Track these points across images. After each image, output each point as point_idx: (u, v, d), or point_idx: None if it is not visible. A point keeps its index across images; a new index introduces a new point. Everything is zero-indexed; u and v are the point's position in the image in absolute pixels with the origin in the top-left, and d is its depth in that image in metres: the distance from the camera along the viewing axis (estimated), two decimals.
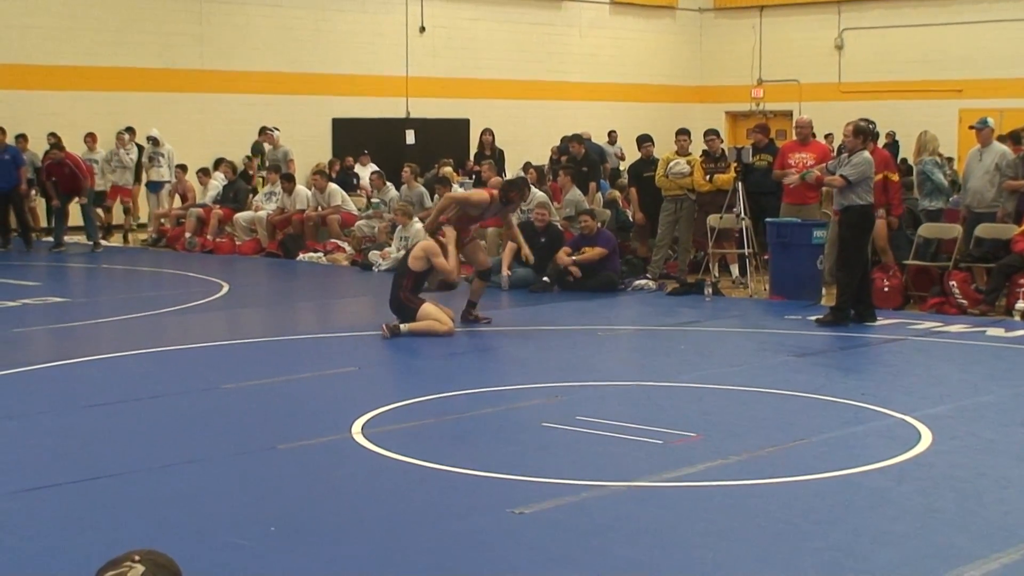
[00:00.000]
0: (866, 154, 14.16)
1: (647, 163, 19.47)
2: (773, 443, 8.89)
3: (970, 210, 16.50)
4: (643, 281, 17.44)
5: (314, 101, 27.99)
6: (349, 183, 25.23)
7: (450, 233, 13.77)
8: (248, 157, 26.06)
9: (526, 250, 15.04)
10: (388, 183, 21.92)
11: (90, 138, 24.35)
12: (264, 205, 22.44)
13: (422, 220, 17.72)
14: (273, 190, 22.49)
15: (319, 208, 21.81)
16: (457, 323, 13.61)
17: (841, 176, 14.00)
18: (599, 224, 17.94)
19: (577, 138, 21.94)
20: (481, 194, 14.28)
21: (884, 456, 8.46)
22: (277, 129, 24.88)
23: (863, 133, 14.26)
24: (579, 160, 21.11)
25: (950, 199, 17.33)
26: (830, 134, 26.51)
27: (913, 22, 32.16)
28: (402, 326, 13.13)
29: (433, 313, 13.28)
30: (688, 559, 6.58)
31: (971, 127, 17.21)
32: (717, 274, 18.12)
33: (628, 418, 9.53)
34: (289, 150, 24.37)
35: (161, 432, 9.19)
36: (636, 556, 6.61)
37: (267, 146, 24.83)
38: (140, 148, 24.66)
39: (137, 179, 24.64)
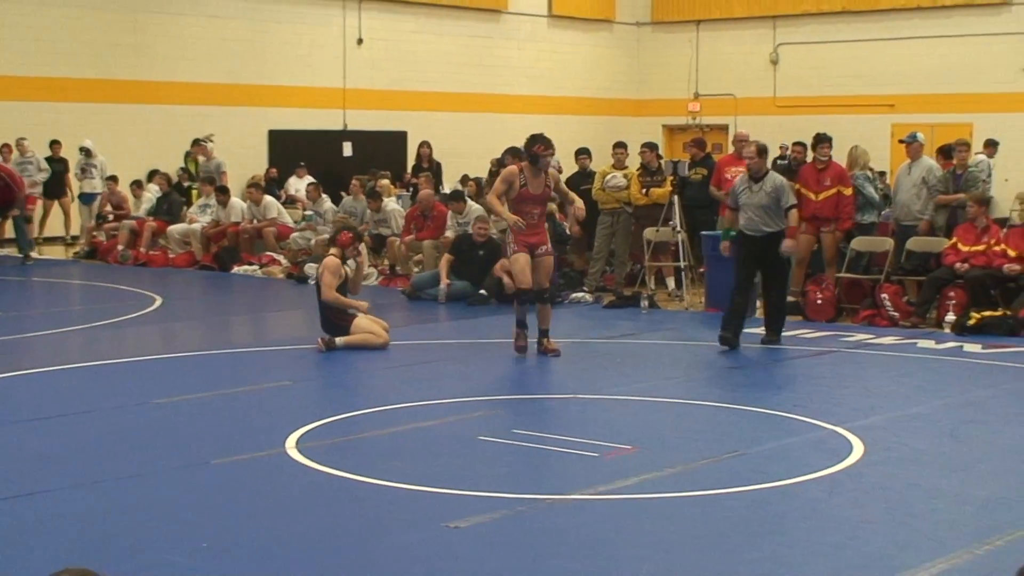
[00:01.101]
0: (781, 177, 14.04)
1: (584, 176, 19.53)
2: (708, 455, 8.93)
3: (899, 223, 16.70)
4: (580, 294, 17.50)
5: (250, 113, 27.86)
6: (273, 195, 25.01)
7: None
8: (183, 168, 25.90)
9: (578, 207, 13.58)
10: (324, 195, 21.84)
11: (6, 148, 23.96)
12: (198, 217, 22.29)
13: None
14: (208, 202, 22.35)
15: (254, 220, 21.70)
16: (531, 352, 12.92)
17: (791, 207, 13.68)
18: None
19: (514, 151, 21.94)
20: (508, 171, 13.25)
21: (817, 467, 8.53)
22: (211, 140, 24.75)
23: (766, 153, 14.11)
24: None
25: (882, 213, 17.49)
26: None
27: (847, 37, 32.44)
28: (337, 340, 13.10)
29: (366, 326, 13.25)
30: (624, 571, 6.60)
31: (901, 141, 17.41)
32: (654, 287, 18.20)
33: (564, 431, 9.56)
34: (223, 162, 24.22)
35: (93, 448, 9.12)
36: (573, 569, 6.62)
37: (201, 158, 24.69)
38: (64, 160, 24.50)
39: (55, 192, 24.44)
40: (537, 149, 12.90)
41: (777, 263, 13.77)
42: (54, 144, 24.54)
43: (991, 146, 24.66)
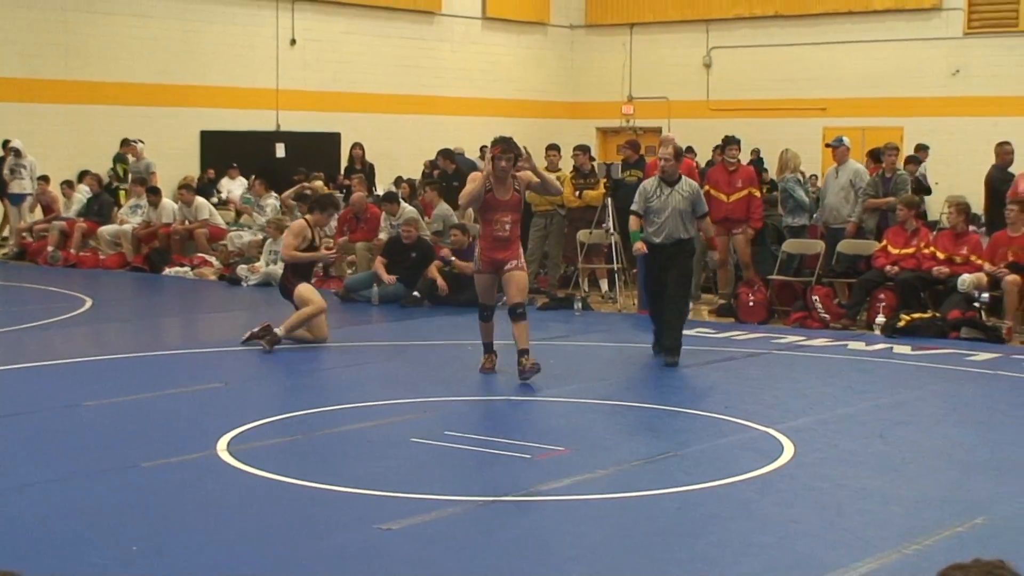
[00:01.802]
0: (694, 182, 13.49)
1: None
2: (640, 456, 8.97)
3: (828, 226, 16.88)
4: None
5: (182, 113, 27.67)
6: (208, 196, 24.88)
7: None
8: (113, 169, 25.68)
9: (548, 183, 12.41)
10: (271, 191, 21.75)
11: None
12: (129, 218, 22.13)
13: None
14: (139, 203, 22.19)
15: (186, 222, 21.58)
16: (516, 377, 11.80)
17: (705, 215, 13.18)
18: (470, 238, 17.97)
19: (447, 153, 21.97)
20: (473, 178, 12.18)
21: (748, 468, 8.58)
22: (141, 141, 24.56)
23: (682, 155, 13.59)
24: (449, 175, 21.14)
25: (813, 216, 17.64)
26: (690, 148, 26.85)
27: (779, 42, 32.66)
28: (277, 329, 13.10)
29: (306, 293, 13.34)
30: (556, 573, 6.61)
31: (827, 145, 17.61)
32: (587, 289, 18.26)
33: (497, 433, 9.57)
34: (152, 162, 24.06)
35: (21, 451, 9.03)
36: (505, 570, 6.63)
37: (131, 158, 24.50)
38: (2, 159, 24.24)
39: None
40: (494, 151, 11.78)
41: (683, 275, 13.04)
42: None
43: (923, 150, 24.99)
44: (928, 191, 19.81)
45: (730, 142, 16.75)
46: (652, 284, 13.33)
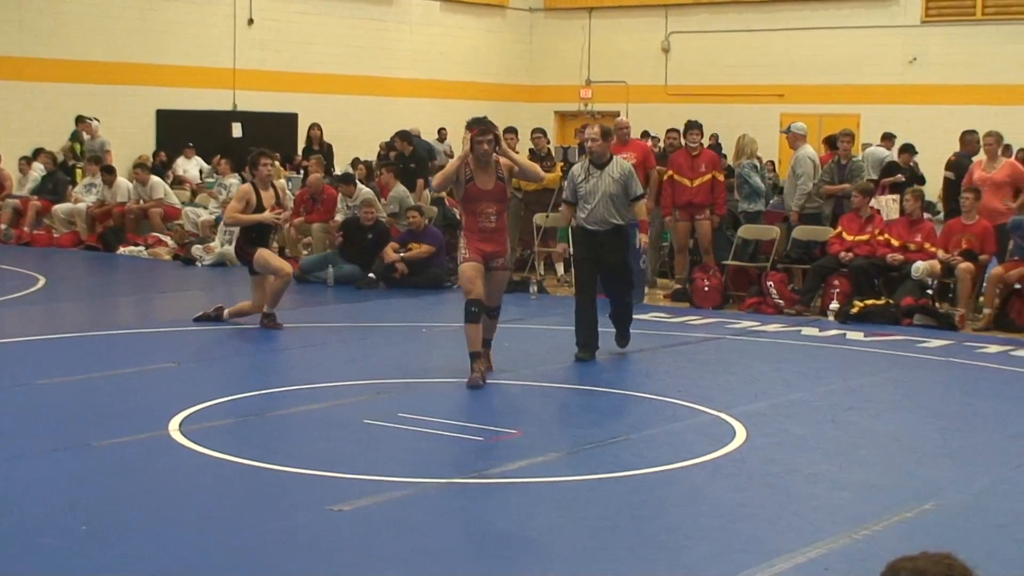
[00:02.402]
0: (627, 163, 12.57)
1: None
2: (592, 440, 8.98)
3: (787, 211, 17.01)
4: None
5: (138, 92, 27.48)
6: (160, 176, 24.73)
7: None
8: (68, 147, 25.49)
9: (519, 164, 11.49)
10: (235, 172, 21.66)
11: None
12: (84, 197, 22.00)
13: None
14: (93, 182, 22.06)
15: (140, 201, 21.46)
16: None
17: (639, 197, 12.24)
18: (427, 220, 17.96)
19: (404, 135, 21.88)
20: (450, 162, 11.42)
21: (699, 452, 8.61)
22: (96, 119, 24.40)
23: (610, 136, 12.60)
24: (406, 157, 21.09)
25: (769, 202, 17.70)
26: (646, 132, 26.98)
27: (738, 27, 32.75)
28: (226, 312, 13.31)
29: (265, 259, 13.40)
30: (507, 555, 6.62)
31: (782, 132, 17.71)
32: (543, 272, 18.26)
33: (450, 415, 9.57)
34: (107, 141, 23.91)
35: None
36: (457, 553, 6.64)
37: (85, 136, 24.33)
38: None
39: None
40: (472, 133, 10.89)
41: (620, 263, 12.23)
42: None
43: (888, 139, 25.11)
44: (923, 180, 19.91)
45: (692, 127, 16.75)
46: (583, 275, 12.21)
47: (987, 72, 29.54)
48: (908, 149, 20.49)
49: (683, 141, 17.25)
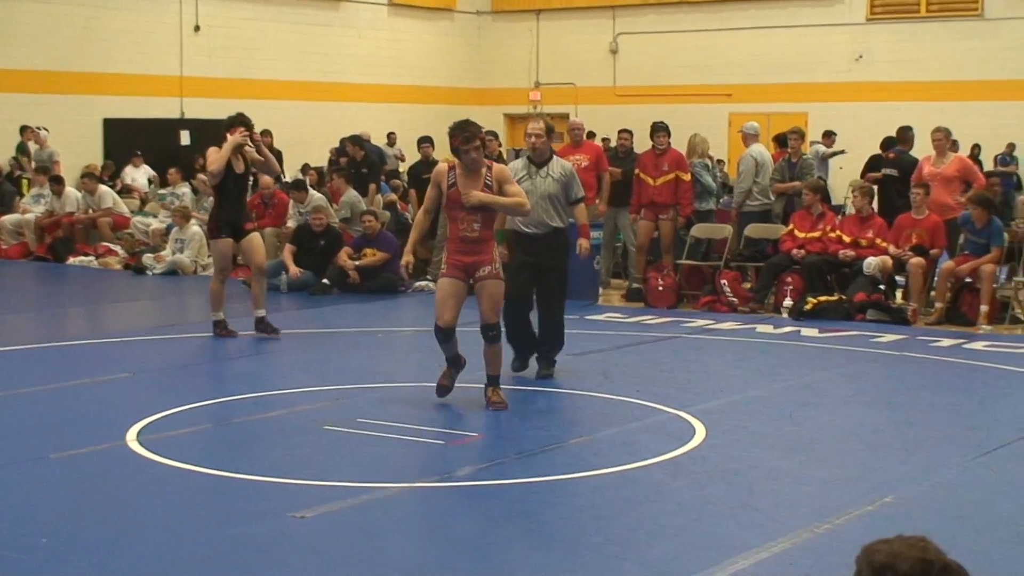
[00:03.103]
0: (568, 163, 11.89)
1: (427, 165, 19.50)
2: (552, 441, 8.99)
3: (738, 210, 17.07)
4: (424, 283, 17.45)
5: (84, 101, 27.28)
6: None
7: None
8: (15, 158, 25.26)
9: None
10: (185, 181, 21.64)
11: None
12: (32, 207, 21.83)
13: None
14: (41, 192, 21.91)
15: (89, 210, 21.33)
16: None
17: (579, 199, 11.50)
18: (380, 225, 17.93)
19: (356, 140, 21.84)
20: (435, 170, 10.29)
21: (660, 451, 8.63)
22: (45, 129, 24.22)
23: (552, 133, 11.60)
24: (358, 162, 21.05)
25: (720, 200, 17.76)
26: (592, 133, 26.99)
27: (685, 28, 32.83)
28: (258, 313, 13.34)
29: (250, 247, 13.24)
30: (471, 557, 6.61)
31: (739, 132, 17.78)
32: None
33: (409, 419, 9.54)
34: (55, 151, 23.74)
35: None
36: (418, 557, 6.62)
37: (34, 146, 24.15)
38: None
39: None
40: (455, 142, 9.91)
41: (557, 270, 11.36)
42: None
43: (828, 136, 25.25)
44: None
45: (658, 128, 16.73)
46: (518, 281, 11.06)
47: (932, 69, 29.74)
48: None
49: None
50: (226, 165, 12.90)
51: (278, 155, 24.57)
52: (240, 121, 13.17)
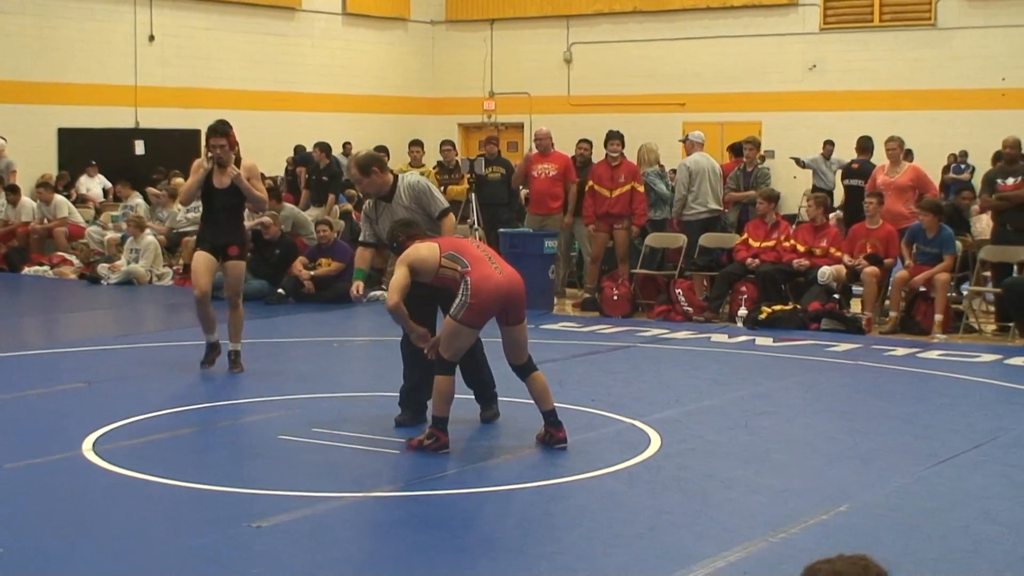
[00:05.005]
0: (416, 178, 10.08)
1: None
2: (507, 450, 9.02)
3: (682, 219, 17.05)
4: (379, 292, 17.42)
5: (39, 111, 27.13)
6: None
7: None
8: None
9: None
10: (136, 191, 21.59)
11: None
12: None
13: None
14: None
15: (45, 220, 21.23)
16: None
17: (445, 212, 9.92)
18: (335, 235, 17.92)
19: (324, 147, 21.61)
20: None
21: (615, 460, 8.66)
22: (3, 138, 24.10)
23: (367, 171, 9.74)
24: (320, 169, 21.03)
25: (673, 209, 17.83)
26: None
27: (638, 37, 32.94)
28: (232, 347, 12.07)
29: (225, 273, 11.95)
30: (426, 566, 6.61)
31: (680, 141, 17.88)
32: None
33: (365, 429, 9.54)
34: (12, 161, 23.63)
35: None
36: (376, 565, 6.64)
37: None
38: None
39: None
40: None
41: (426, 306, 9.56)
42: None
43: (830, 145, 25.46)
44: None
45: (611, 136, 16.80)
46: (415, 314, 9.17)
47: (885, 78, 29.95)
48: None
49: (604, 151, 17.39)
50: (204, 181, 11.67)
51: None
52: (210, 130, 11.83)
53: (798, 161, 25.29)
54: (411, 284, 8.89)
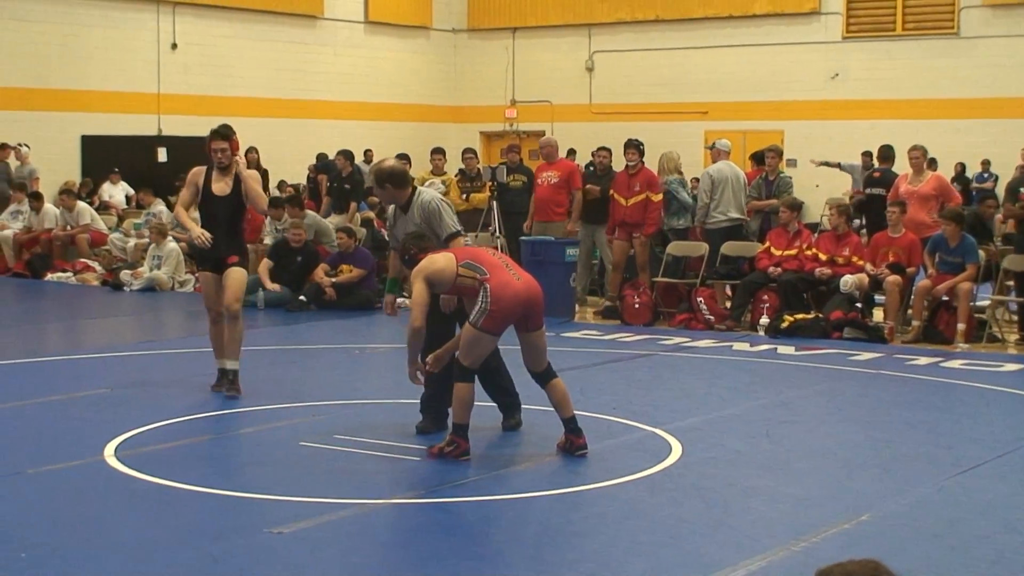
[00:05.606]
0: (430, 195, 9.92)
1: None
2: (528, 458, 9.03)
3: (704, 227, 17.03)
4: (403, 300, 17.43)
5: (62, 118, 27.23)
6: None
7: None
8: None
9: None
10: (158, 199, 21.71)
11: None
12: (10, 224, 21.81)
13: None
14: (19, 208, 21.89)
15: (67, 227, 21.32)
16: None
17: (453, 235, 9.76)
18: (356, 242, 17.94)
19: (347, 154, 21.62)
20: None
21: (636, 468, 8.65)
22: (26, 145, 24.19)
23: (382, 183, 9.77)
24: (343, 177, 21.05)
25: (695, 217, 17.81)
26: (573, 151, 27.22)
27: (660, 46, 32.91)
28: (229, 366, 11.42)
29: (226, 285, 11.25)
30: (446, 574, 6.62)
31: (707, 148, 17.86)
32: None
33: (386, 435, 9.55)
34: (36, 168, 23.73)
35: None
36: (394, 573, 6.64)
37: (14, 162, 24.11)
38: None
39: None
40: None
41: (443, 319, 9.53)
42: None
43: (867, 155, 25.39)
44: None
45: (628, 145, 16.80)
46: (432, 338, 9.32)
47: (907, 87, 29.90)
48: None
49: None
50: (202, 187, 11.38)
51: (263, 173, 24.56)
52: (212, 133, 11.48)
53: (833, 164, 25.19)
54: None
